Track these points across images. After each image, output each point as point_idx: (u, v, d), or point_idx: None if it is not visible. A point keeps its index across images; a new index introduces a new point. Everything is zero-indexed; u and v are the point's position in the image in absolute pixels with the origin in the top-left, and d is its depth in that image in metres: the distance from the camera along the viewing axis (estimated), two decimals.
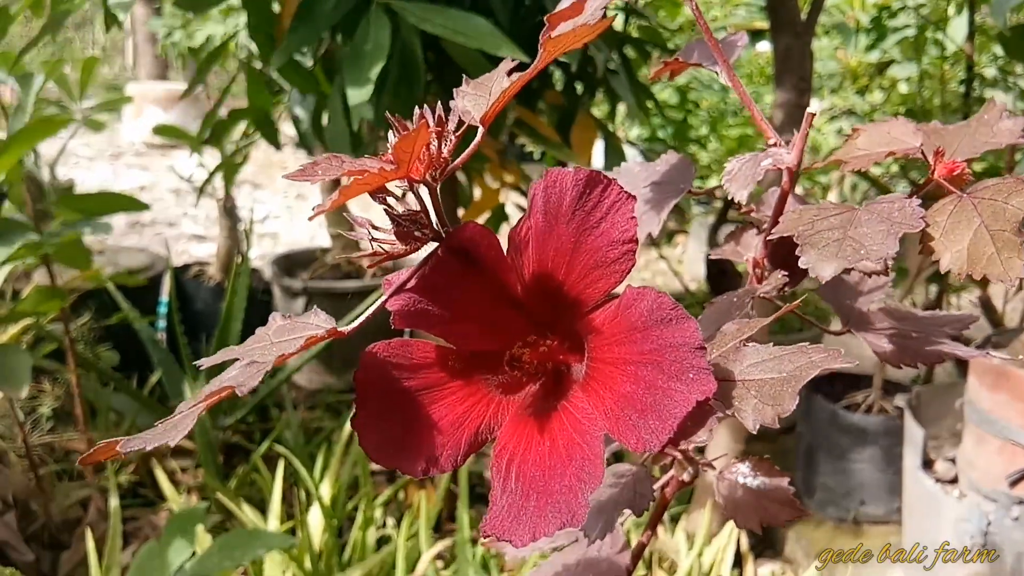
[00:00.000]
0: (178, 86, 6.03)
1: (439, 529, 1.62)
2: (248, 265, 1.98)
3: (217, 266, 2.44)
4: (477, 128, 0.37)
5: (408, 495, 1.71)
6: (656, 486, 0.54)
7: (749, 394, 0.33)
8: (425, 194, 0.34)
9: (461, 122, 0.35)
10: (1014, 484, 1.37)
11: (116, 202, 1.49)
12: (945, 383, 1.88)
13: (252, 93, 1.57)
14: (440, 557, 1.49)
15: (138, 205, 1.50)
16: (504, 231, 1.84)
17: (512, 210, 1.88)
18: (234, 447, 1.92)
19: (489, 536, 0.32)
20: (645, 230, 0.46)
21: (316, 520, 1.47)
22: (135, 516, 1.65)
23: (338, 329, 0.34)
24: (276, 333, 0.35)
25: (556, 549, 0.61)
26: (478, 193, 1.86)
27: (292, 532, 1.50)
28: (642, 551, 0.59)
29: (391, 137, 0.33)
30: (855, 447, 1.78)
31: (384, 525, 1.61)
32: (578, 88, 1.77)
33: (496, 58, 1.32)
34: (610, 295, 0.34)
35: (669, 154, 0.50)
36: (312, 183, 0.30)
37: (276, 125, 1.63)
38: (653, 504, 0.52)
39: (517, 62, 0.38)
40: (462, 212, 1.84)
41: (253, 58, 1.59)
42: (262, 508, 1.58)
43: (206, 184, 2.24)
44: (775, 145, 0.42)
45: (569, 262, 0.34)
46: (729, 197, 0.42)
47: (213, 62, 1.65)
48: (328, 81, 1.48)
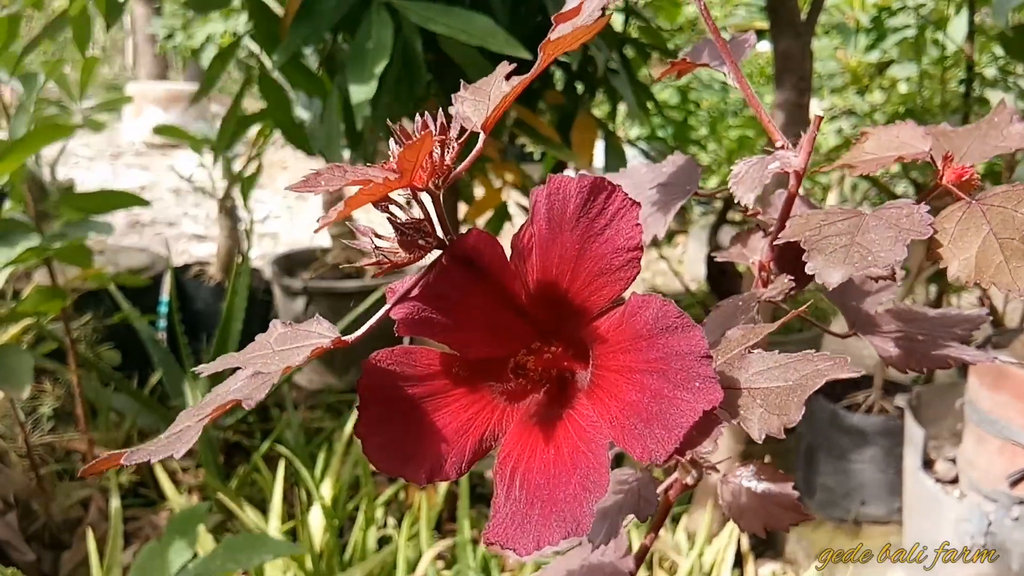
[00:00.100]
0: (178, 86, 6.03)
1: (440, 529, 1.62)
2: (248, 265, 1.98)
3: (217, 266, 2.44)
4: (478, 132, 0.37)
5: (409, 495, 1.71)
6: (659, 489, 0.54)
7: (755, 403, 0.32)
8: (428, 201, 0.34)
9: (463, 129, 0.35)
10: (1015, 484, 1.37)
11: (117, 199, 1.49)
12: (945, 383, 1.88)
13: (270, 101, 1.57)
14: (441, 557, 1.48)
15: (139, 201, 1.50)
16: (506, 230, 1.84)
17: (513, 208, 1.88)
18: (235, 447, 1.92)
19: (492, 544, 0.32)
20: (651, 233, 0.46)
21: (317, 520, 1.46)
22: (136, 516, 1.65)
23: (342, 338, 0.34)
24: (278, 341, 0.35)
25: (558, 553, 0.61)
26: (479, 192, 1.86)
27: (293, 532, 1.50)
28: (645, 554, 0.58)
29: (393, 146, 0.33)
30: (856, 447, 1.78)
31: (385, 525, 1.60)
32: (578, 88, 1.77)
33: (496, 57, 1.32)
34: (615, 302, 0.34)
35: (675, 155, 0.49)
36: (316, 193, 0.29)
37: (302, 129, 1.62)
38: (656, 508, 0.52)
39: (515, 65, 0.38)
40: (464, 210, 1.83)
41: (262, 65, 1.58)
42: (263, 508, 1.58)
43: (226, 198, 2.26)
44: (782, 148, 0.42)
45: (573, 269, 0.34)
46: (737, 201, 0.42)
47: (223, 66, 1.65)
48: (331, 83, 1.48)
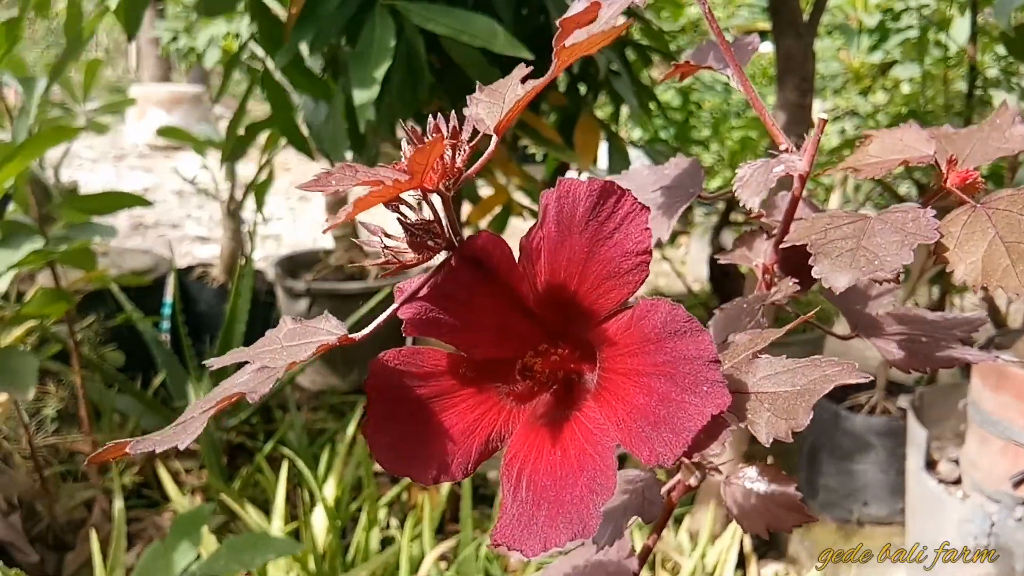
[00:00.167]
0: (181, 88, 6.04)
1: (442, 530, 1.62)
2: (252, 266, 1.98)
3: (221, 267, 2.44)
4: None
5: (412, 496, 1.71)
6: (662, 491, 0.54)
7: (762, 407, 0.33)
8: (438, 203, 0.34)
9: (475, 131, 0.35)
10: (1017, 485, 1.37)
11: (120, 200, 1.50)
12: (948, 384, 1.88)
13: (274, 105, 1.57)
14: (444, 558, 1.48)
15: (141, 201, 1.51)
16: (508, 229, 1.84)
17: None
18: (238, 448, 1.92)
19: (500, 545, 0.32)
20: (655, 236, 0.46)
21: (320, 521, 1.47)
22: (139, 517, 1.65)
23: (349, 336, 0.34)
24: (287, 337, 0.35)
25: (561, 553, 0.61)
26: (483, 192, 1.86)
27: (296, 533, 1.50)
28: (648, 554, 0.58)
29: (404, 146, 0.33)
30: (858, 448, 1.78)
31: (388, 526, 1.61)
32: (581, 90, 1.77)
33: (497, 59, 1.32)
34: (623, 305, 0.34)
35: (678, 158, 0.50)
36: (326, 194, 0.30)
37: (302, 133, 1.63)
38: (660, 509, 0.52)
39: (531, 69, 0.38)
40: (469, 209, 1.84)
41: (266, 68, 1.59)
42: (266, 509, 1.59)
43: (230, 200, 2.27)
44: (786, 151, 0.42)
45: (582, 272, 0.34)
46: (741, 204, 0.42)
47: (231, 73, 1.65)
48: (336, 85, 1.48)
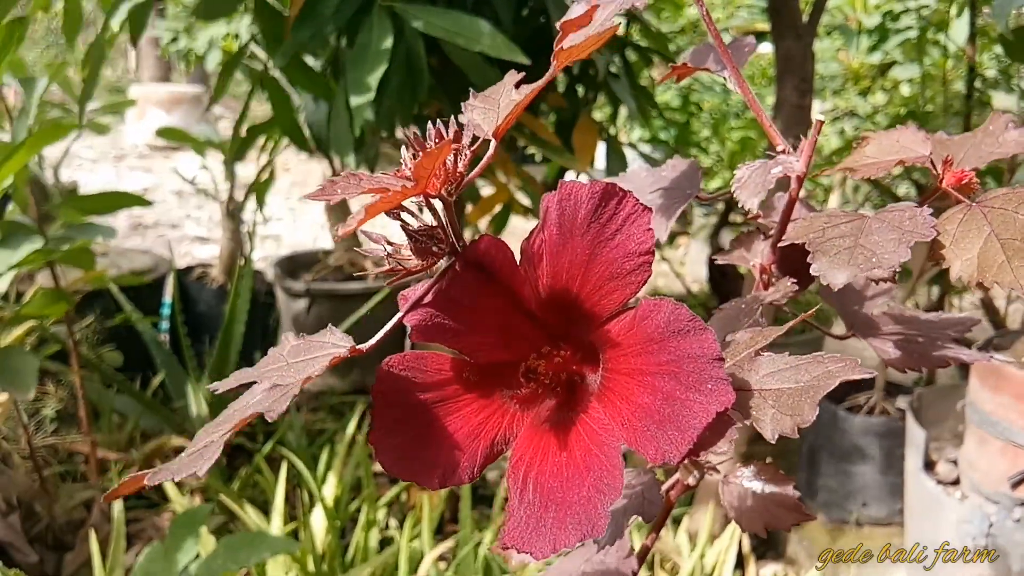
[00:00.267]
0: (181, 88, 6.04)
1: (442, 531, 1.63)
2: (251, 267, 1.98)
3: (220, 268, 2.44)
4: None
5: (411, 497, 1.72)
6: (661, 490, 0.54)
7: (767, 404, 0.33)
8: (440, 208, 0.34)
9: (475, 136, 0.36)
10: (1016, 486, 1.37)
11: (120, 200, 1.50)
12: (947, 385, 1.88)
13: (276, 105, 1.57)
14: (443, 558, 1.49)
15: (140, 201, 1.51)
16: (510, 228, 1.85)
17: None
18: (237, 449, 1.92)
19: (509, 548, 0.32)
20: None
21: (319, 521, 1.47)
22: (139, 517, 1.65)
23: (357, 347, 0.35)
24: (292, 353, 0.35)
25: (562, 553, 0.61)
26: (485, 191, 1.87)
27: (295, 533, 1.50)
28: (647, 554, 0.59)
29: (405, 153, 0.33)
30: (857, 449, 1.78)
31: (387, 527, 1.61)
32: (579, 91, 1.78)
33: (497, 60, 1.33)
34: (626, 306, 0.34)
35: (676, 159, 0.50)
36: (332, 202, 0.30)
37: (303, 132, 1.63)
38: (660, 508, 0.53)
39: (523, 74, 0.38)
40: (469, 208, 1.84)
41: (267, 69, 1.59)
42: (265, 509, 1.59)
43: (229, 201, 2.27)
44: (783, 152, 0.42)
45: (584, 274, 0.34)
46: (739, 204, 0.42)
47: (231, 74, 1.65)
48: (337, 86, 1.48)
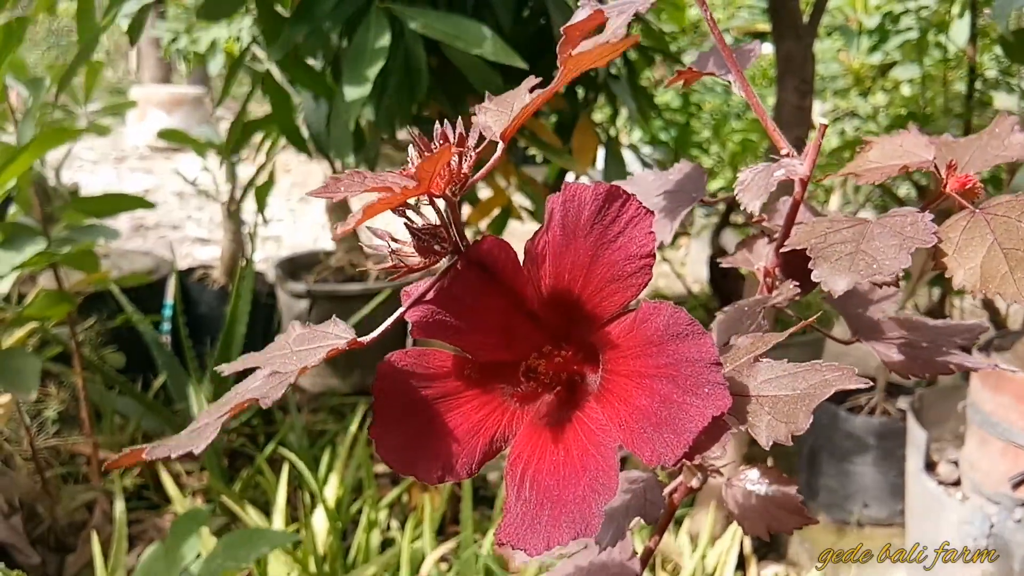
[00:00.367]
0: (182, 89, 6.03)
1: (443, 532, 1.63)
2: (252, 268, 1.98)
3: (221, 269, 2.45)
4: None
5: (412, 498, 1.72)
6: (664, 492, 0.54)
7: (763, 410, 0.33)
8: (444, 207, 0.34)
9: (481, 138, 0.36)
10: (1017, 486, 1.37)
11: (123, 202, 1.50)
12: (948, 385, 1.88)
13: (275, 105, 1.58)
14: (444, 560, 1.49)
15: (144, 203, 1.51)
16: (509, 230, 1.85)
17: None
18: (238, 450, 1.92)
19: (504, 544, 0.32)
20: (657, 239, 0.47)
21: (320, 523, 1.47)
22: (140, 519, 1.65)
23: (357, 339, 0.35)
24: (296, 341, 0.35)
25: (564, 555, 0.61)
26: (483, 195, 1.87)
27: (296, 534, 1.50)
28: (650, 556, 0.59)
29: (411, 153, 0.34)
30: (858, 449, 1.78)
31: (388, 528, 1.61)
32: (579, 92, 1.78)
33: (498, 63, 1.33)
34: (626, 308, 0.34)
35: (682, 163, 0.50)
36: (335, 200, 0.30)
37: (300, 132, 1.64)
38: (662, 511, 0.53)
39: (540, 79, 0.38)
40: (468, 211, 1.84)
41: (268, 69, 1.59)
42: (266, 511, 1.59)
43: (230, 202, 2.27)
44: (787, 155, 0.42)
45: (586, 275, 0.35)
46: (742, 207, 0.42)
47: (234, 76, 1.66)
48: (337, 87, 1.49)
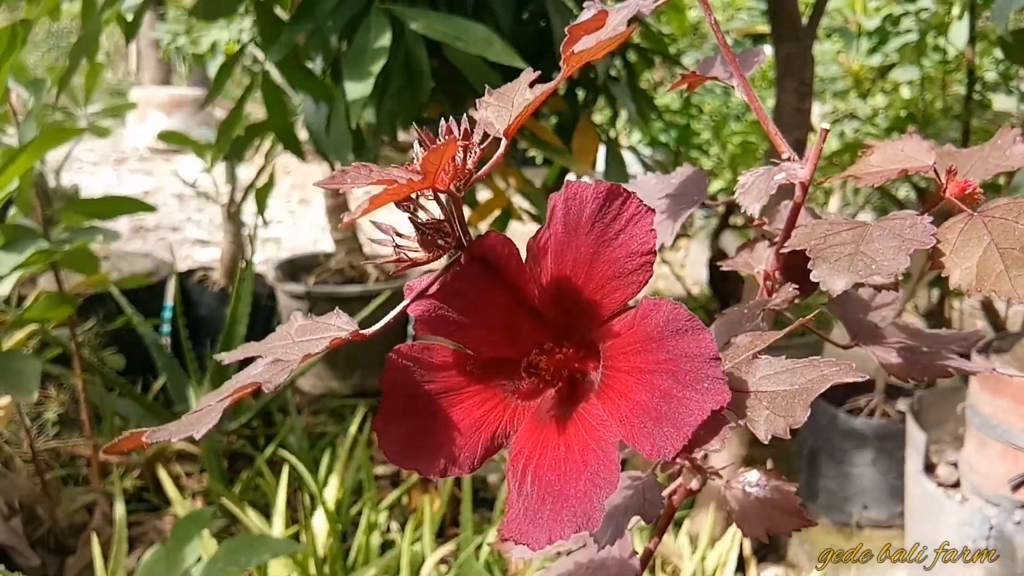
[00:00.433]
0: (181, 91, 6.04)
1: (443, 533, 1.63)
2: (252, 270, 1.99)
3: (221, 271, 2.45)
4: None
5: (412, 499, 1.72)
6: (664, 493, 0.54)
7: (761, 405, 0.33)
8: (448, 202, 0.35)
9: (485, 135, 0.36)
10: (1016, 488, 1.37)
11: (123, 205, 1.50)
12: (947, 387, 1.88)
13: (271, 106, 1.58)
14: (444, 561, 1.49)
15: (145, 207, 1.51)
16: (510, 231, 1.85)
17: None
18: (238, 452, 1.93)
19: (507, 539, 0.32)
20: (659, 240, 0.47)
21: (320, 524, 1.47)
22: (140, 521, 1.65)
23: (360, 331, 0.35)
24: (298, 332, 0.36)
25: (563, 553, 0.61)
26: (482, 196, 1.87)
27: (296, 537, 1.50)
28: (650, 557, 0.59)
29: (416, 147, 0.34)
30: (857, 451, 1.79)
31: (388, 530, 1.61)
32: (579, 94, 1.78)
33: (498, 64, 1.33)
34: (627, 305, 0.35)
35: (684, 167, 0.51)
36: (342, 191, 0.30)
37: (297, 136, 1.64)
38: (661, 511, 0.53)
39: (538, 74, 0.39)
40: (468, 213, 1.84)
41: (265, 71, 1.59)
42: (266, 513, 1.59)
43: (230, 204, 2.28)
44: (788, 159, 0.43)
45: (587, 272, 0.35)
46: (743, 210, 0.42)
47: (229, 74, 1.66)
48: (336, 89, 1.49)
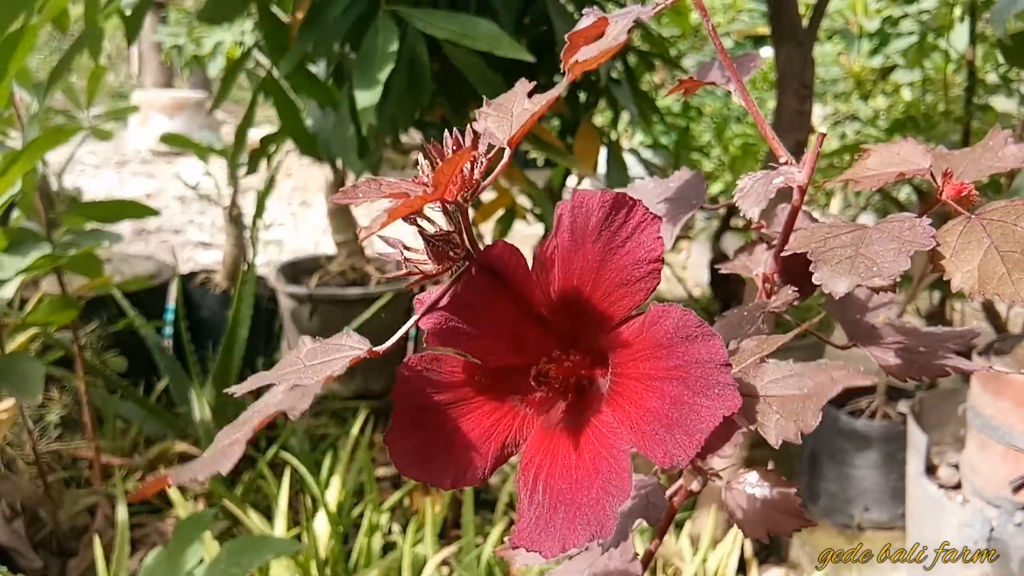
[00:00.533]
0: (183, 94, 6.05)
1: (445, 535, 1.63)
2: (254, 272, 1.99)
3: (223, 273, 2.45)
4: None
5: (414, 501, 1.72)
6: (665, 494, 0.55)
7: (771, 409, 0.34)
8: (456, 213, 0.35)
9: (490, 145, 0.36)
10: (1017, 490, 1.38)
11: (126, 209, 1.51)
12: (948, 389, 1.89)
13: (283, 112, 1.58)
14: (446, 563, 1.49)
15: (147, 211, 1.52)
16: (512, 232, 1.86)
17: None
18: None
19: (518, 547, 0.33)
20: None
21: (322, 526, 1.47)
22: (142, 523, 1.65)
23: (374, 349, 0.35)
24: (308, 356, 0.36)
25: (563, 557, 0.62)
26: (485, 195, 1.88)
27: (298, 538, 1.51)
28: (651, 559, 0.59)
29: (422, 160, 0.34)
30: (859, 453, 1.79)
31: (390, 531, 1.61)
32: (581, 97, 1.79)
33: (498, 66, 1.33)
34: (635, 312, 0.35)
35: (682, 171, 0.51)
36: (355, 206, 0.31)
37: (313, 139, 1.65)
38: (663, 513, 0.53)
39: (535, 83, 0.39)
40: (471, 212, 1.85)
41: (271, 75, 1.60)
42: (268, 515, 1.59)
43: (232, 206, 2.28)
44: (786, 163, 0.43)
45: (595, 280, 0.35)
46: (742, 213, 0.43)
47: (233, 79, 1.66)
48: (340, 93, 1.49)
